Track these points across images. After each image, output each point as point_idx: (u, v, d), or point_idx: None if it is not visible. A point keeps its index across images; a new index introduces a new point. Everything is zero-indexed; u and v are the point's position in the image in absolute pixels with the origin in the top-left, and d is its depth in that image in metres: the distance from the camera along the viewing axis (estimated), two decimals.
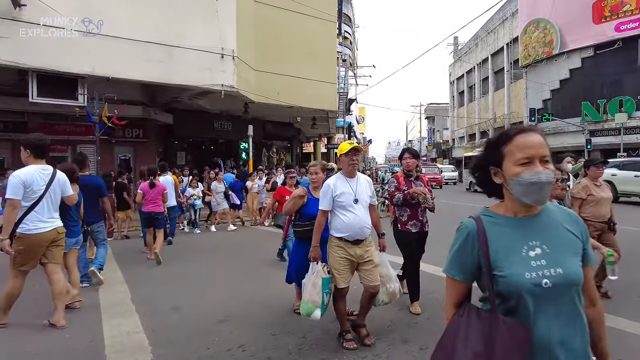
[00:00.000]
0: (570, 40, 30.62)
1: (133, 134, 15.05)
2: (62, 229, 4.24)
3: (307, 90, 15.59)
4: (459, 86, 53.00)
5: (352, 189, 3.57)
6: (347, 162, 3.58)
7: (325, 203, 3.55)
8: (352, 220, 3.49)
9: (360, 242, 3.56)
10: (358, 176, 3.69)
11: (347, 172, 3.63)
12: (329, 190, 3.53)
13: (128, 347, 3.64)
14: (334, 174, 9.14)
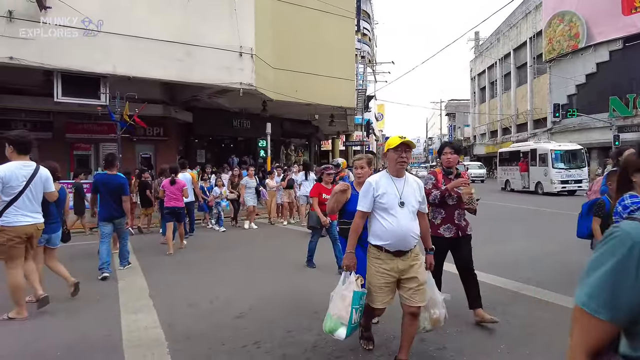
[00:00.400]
0: (597, 32, 29.62)
1: (154, 132, 15.31)
2: (41, 226, 4.38)
3: (325, 88, 15.55)
4: (480, 82, 52.03)
5: (397, 190, 3.01)
6: (395, 159, 3.02)
7: (364, 203, 3.04)
8: (394, 226, 2.93)
9: (404, 254, 2.99)
10: (407, 176, 3.12)
11: (393, 170, 3.07)
12: (370, 189, 3.02)
13: (145, 341, 3.67)
14: (341, 170, 9.05)
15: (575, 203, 6.75)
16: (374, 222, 3.07)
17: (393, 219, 2.95)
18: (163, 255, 7.39)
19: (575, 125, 31.78)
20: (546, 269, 5.89)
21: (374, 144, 48.85)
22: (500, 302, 4.47)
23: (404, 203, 2.99)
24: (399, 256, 2.97)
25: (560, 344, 3.44)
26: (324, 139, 31.65)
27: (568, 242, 6.42)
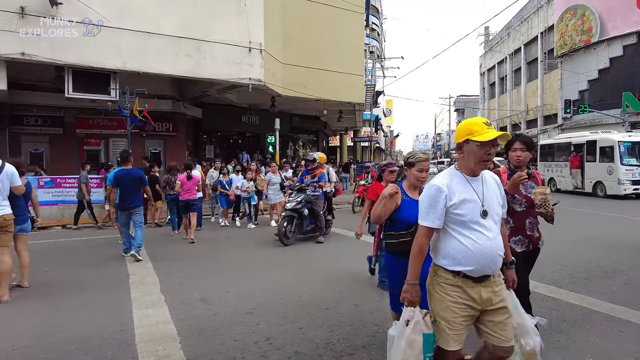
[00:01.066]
0: (611, 27, 29.14)
1: (163, 127, 15.36)
2: (9, 216, 4.79)
3: (334, 83, 15.48)
4: (490, 77, 51.51)
5: (477, 195, 2.23)
6: (480, 156, 2.19)
7: (433, 216, 2.21)
8: (480, 245, 2.16)
9: (487, 278, 2.23)
10: (483, 175, 2.31)
11: (472, 168, 2.25)
12: (441, 196, 2.20)
13: (157, 337, 3.69)
14: (317, 167, 8.48)
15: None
16: (446, 240, 2.26)
17: (477, 235, 2.18)
18: (174, 251, 7.45)
19: (586, 121, 31.36)
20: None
21: (383, 140, 48.64)
22: None
23: (487, 212, 2.22)
24: (482, 282, 2.22)
25: (576, 343, 3.38)
26: (332, 135, 31.58)
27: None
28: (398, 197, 3.11)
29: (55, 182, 11.08)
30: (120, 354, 3.39)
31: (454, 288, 2.22)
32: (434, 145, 71.93)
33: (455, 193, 2.21)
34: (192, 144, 17.40)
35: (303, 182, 8.28)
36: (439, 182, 2.24)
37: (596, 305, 4.27)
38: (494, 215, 2.24)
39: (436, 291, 2.28)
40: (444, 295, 2.24)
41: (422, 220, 2.25)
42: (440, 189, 2.21)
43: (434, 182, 2.26)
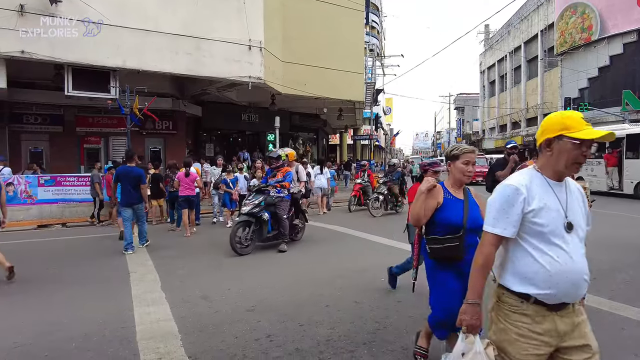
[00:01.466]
0: (611, 24, 29.12)
1: (163, 126, 15.36)
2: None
3: (333, 81, 15.47)
4: (490, 75, 51.48)
5: (560, 203, 1.82)
6: (575, 156, 1.80)
7: (505, 222, 1.80)
8: (561, 264, 1.74)
9: (565, 306, 1.80)
10: (567, 181, 1.90)
11: (560, 170, 1.84)
12: (518, 198, 1.79)
13: (158, 334, 3.69)
14: (282, 164, 7.65)
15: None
16: (518, 255, 1.83)
17: (558, 252, 1.75)
18: (175, 248, 7.44)
19: (586, 119, 31.26)
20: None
21: (383, 138, 48.62)
22: None
23: (572, 225, 1.80)
24: (557, 310, 1.78)
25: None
26: (332, 133, 31.56)
27: None
28: (439, 194, 2.74)
29: (56, 180, 11.08)
30: (121, 351, 3.39)
31: (521, 317, 1.79)
32: (433, 144, 71.91)
33: (535, 197, 1.80)
34: (192, 142, 17.40)
35: (268, 182, 7.34)
36: (516, 182, 1.83)
37: (598, 302, 4.28)
38: (579, 230, 1.82)
39: (499, 319, 1.86)
40: (509, 325, 1.81)
41: (490, 227, 1.83)
42: (517, 190, 1.79)
43: (510, 182, 1.85)
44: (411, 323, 3.84)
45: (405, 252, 6.78)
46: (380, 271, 5.27)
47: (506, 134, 46.55)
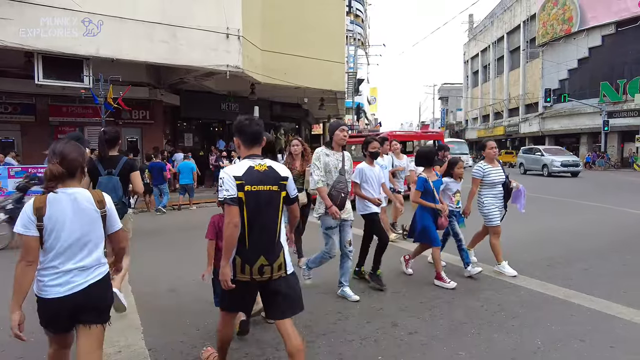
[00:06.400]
0: (591, 16, 29.55)
1: (140, 115, 15.09)
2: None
3: (314, 70, 15.35)
4: (474, 66, 51.84)
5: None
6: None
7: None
8: None
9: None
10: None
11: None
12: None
13: (120, 327, 3.66)
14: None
15: None
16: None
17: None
18: (149, 240, 7.37)
19: (566, 110, 31.94)
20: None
21: (365, 128, 48.69)
22: (478, 288, 4.56)
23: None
24: None
25: (529, 327, 3.51)
26: (315, 123, 31.46)
27: None
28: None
29: (27, 171, 10.80)
30: None
31: None
32: None
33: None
34: (170, 132, 17.15)
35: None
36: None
37: (554, 291, 4.40)
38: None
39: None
40: None
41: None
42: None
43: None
44: (373, 313, 3.91)
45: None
46: None
47: (489, 124, 47.11)
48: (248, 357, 3.14)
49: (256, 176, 2.46)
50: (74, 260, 2.14)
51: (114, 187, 3.84)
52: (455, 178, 5.01)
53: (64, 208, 2.12)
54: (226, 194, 2.40)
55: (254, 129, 2.60)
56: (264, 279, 2.48)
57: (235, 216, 2.38)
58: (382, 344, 3.29)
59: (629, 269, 5.21)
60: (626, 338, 3.35)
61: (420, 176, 4.66)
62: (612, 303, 4.03)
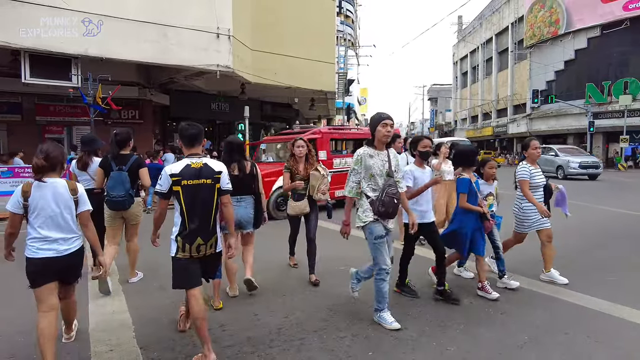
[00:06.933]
0: (577, 19, 30.03)
1: (129, 115, 15.00)
2: None
3: (304, 71, 15.40)
4: (463, 67, 52.31)
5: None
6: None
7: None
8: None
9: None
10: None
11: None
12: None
13: (111, 326, 3.67)
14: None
15: None
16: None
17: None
18: (141, 239, 7.33)
19: (553, 111, 32.40)
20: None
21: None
22: (467, 285, 4.63)
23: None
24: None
25: (515, 322, 3.59)
26: (305, 123, 31.50)
27: None
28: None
29: (14, 171, 10.67)
30: (72, 343, 3.37)
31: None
32: (407, 134, 72.76)
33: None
34: (159, 132, 17.05)
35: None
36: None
37: (540, 287, 4.50)
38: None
39: None
40: None
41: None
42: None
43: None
44: (365, 309, 3.95)
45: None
46: (339, 259, 5.39)
47: (477, 124, 47.56)
48: (240, 354, 3.16)
49: (192, 172, 3.03)
50: (57, 232, 2.92)
51: (123, 181, 4.56)
52: (486, 179, 4.63)
53: (45, 193, 2.88)
54: (159, 188, 3.06)
55: (190, 132, 3.18)
56: (200, 255, 3.08)
57: (162, 205, 3.18)
58: (373, 340, 3.34)
59: (612, 265, 5.34)
60: (607, 331, 3.47)
61: (464, 177, 4.25)
62: (595, 299, 4.14)
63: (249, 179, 4.31)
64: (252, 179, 4.34)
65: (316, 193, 4.75)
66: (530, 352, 3.12)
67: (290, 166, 4.84)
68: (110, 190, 4.58)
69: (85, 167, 4.94)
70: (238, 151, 4.32)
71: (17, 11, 9.49)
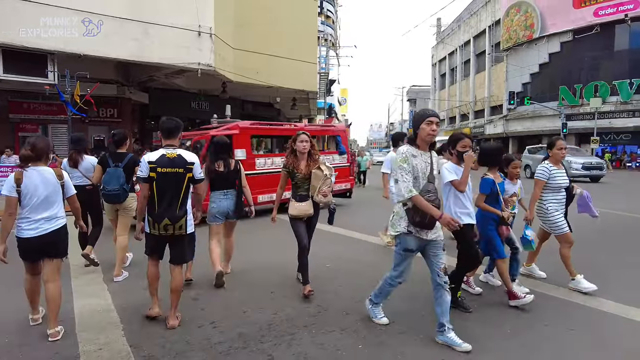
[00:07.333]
0: (550, 24, 30.94)
1: (107, 113, 14.72)
2: None
3: (286, 70, 15.42)
4: (441, 68, 53.16)
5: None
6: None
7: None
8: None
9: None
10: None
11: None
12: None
13: (99, 325, 3.63)
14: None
15: None
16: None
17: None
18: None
19: (528, 112, 33.28)
20: None
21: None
22: None
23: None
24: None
25: (500, 314, 3.71)
26: (285, 121, 31.49)
27: None
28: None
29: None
30: (59, 343, 3.32)
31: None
32: (387, 134, 73.48)
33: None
34: (138, 131, 16.77)
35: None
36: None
37: (522, 281, 4.67)
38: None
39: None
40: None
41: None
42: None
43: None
44: (352, 304, 4.02)
45: (350, 240, 7.01)
46: (325, 257, 5.45)
47: (455, 125, 48.42)
48: (232, 349, 3.18)
49: (166, 161, 3.49)
50: (42, 214, 3.36)
51: (118, 177, 4.94)
52: (510, 179, 4.41)
53: (34, 179, 3.32)
54: (140, 174, 3.53)
55: (167, 125, 3.61)
56: (168, 234, 3.54)
57: (144, 189, 3.52)
58: (362, 334, 3.41)
59: (593, 261, 5.57)
60: (585, 322, 3.65)
61: (487, 177, 4.00)
62: (573, 292, 4.33)
63: (233, 175, 4.83)
64: (236, 175, 4.85)
65: (317, 195, 4.24)
66: (512, 341, 3.26)
67: (289, 164, 4.30)
68: (106, 184, 4.96)
69: (76, 165, 5.32)
70: (223, 150, 4.82)
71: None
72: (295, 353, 3.11)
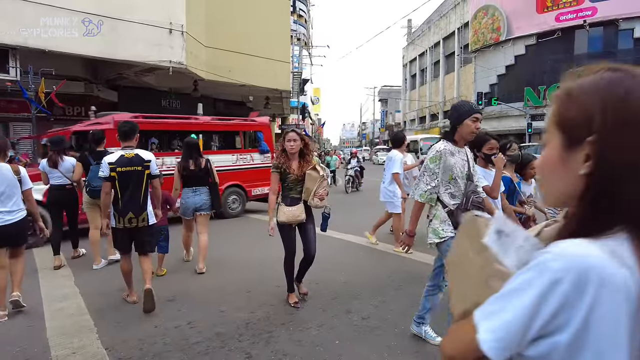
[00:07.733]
0: (516, 27, 32.03)
1: (74, 112, 14.25)
2: None
3: (260, 69, 15.35)
4: (412, 69, 54.04)
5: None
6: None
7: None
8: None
9: None
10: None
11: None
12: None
13: (72, 329, 3.57)
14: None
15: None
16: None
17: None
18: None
19: (495, 112, 34.35)
20: None
21: (310, 127, 49.16)
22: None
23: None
24: None
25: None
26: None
27: None
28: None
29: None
30: (29, 349, 3.25)
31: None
32: (359, 134, 74.14)
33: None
34: None
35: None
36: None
37: None
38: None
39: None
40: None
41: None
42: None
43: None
44: (328, 301, 4.11)
45: (335, 241, 7.11)
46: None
47: (425, 125, 49.42)
48: (210, 349, 3.20)
49: (125, 161, 3.89)
50: (2, 207, 3.66)
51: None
52: (526, 179, 4.19)
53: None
54: (101, 174, 3.90)
55: (123, 129, 3.97)
56: (132, 226, 3.94)
57: (106, 187, 3.90)
58: (338, 329, 3.50)
59: None
60: None
61: (504, 176, 3.70)
62: None
63: (204, 173, 5.20)
64: (206, 173, 5.21)
65: (312, 198, 3.87)
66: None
67: (281, 164, 3.91)
68: (91, 181, 5.29)
69: (56, 165, 5.46)
70: (194, 150, 5.20)
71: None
72: (273, 350, 3.16)
